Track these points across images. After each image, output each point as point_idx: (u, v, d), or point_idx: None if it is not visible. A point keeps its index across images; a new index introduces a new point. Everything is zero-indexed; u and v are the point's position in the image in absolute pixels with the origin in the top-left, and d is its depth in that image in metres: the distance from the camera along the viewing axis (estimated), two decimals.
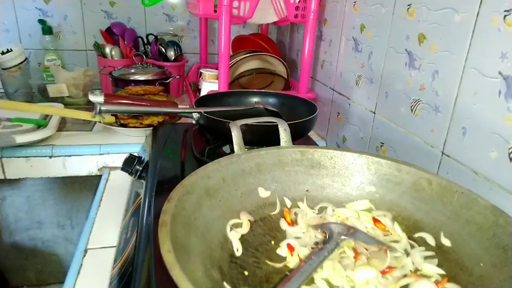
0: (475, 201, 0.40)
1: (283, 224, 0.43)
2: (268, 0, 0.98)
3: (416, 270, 0.37)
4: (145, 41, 1.35)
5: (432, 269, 0.37)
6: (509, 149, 0.47)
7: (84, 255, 0.62)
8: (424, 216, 0.43)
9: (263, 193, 0.46)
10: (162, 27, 1.42)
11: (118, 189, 0.84)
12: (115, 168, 0.92)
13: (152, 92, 1.00)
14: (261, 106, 0.73)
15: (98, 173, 0.93)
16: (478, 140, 0.52)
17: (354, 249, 0.38)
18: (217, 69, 1.09)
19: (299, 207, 0.46)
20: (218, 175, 0.42)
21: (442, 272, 0.37)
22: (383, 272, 0.36)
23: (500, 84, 0.48)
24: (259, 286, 0.34)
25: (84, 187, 0.98)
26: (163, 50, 1.31)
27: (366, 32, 0.81)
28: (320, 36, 1.06)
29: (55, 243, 1.06)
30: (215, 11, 0.95)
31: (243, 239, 0.40)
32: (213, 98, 0.81)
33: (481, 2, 0.51)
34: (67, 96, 1.18)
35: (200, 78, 1.20)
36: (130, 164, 0.74)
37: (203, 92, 1.11)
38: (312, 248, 0.39)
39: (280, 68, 1.17)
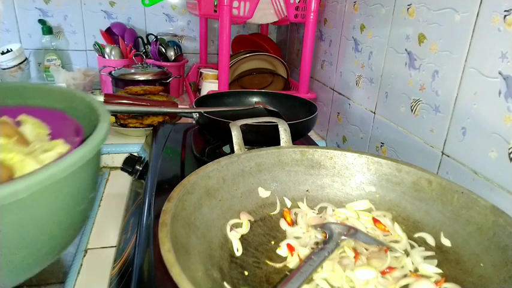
0: (475, 201, 0.40)
1: (283, 224, 0.43)
2: (268, 0, 0.98)
3: (416, 270, 0.37)
4: (145, 41, 1.35)
5: (430, 269, 0.37)
6: (509, 149, 0.47)
7: (84, 255, 0.62)
8: (424, 216, 0.43)
9: (263, 193, 0.46)
10: (162, 27, 1.42)
11: (118, 189, 0.84)
12: (115, 168, 0.92)
13: (152, 92, 1.00)
14: (261, 106, 0.73)
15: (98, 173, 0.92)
16: (478, 140, 0.52)
17: (354, 250, 0.38)
18: (217, 69, 1.09)
19: (299, 207, 0.46)
20: (218, 175, 0.42)
21: (440, 271, 0.37)
22: (383, 273, 0.36)
23: (500, 84, 0.48)
24: (259, 286, 0.34)
25: None
26: (163, 50, 1.31)
27: (366, 32, 0.81)
28: (320, 36, 1.06)
29: None
30: (215, 11, 0.95)
31: (243, 239, 0.40)
32: (213, 98, 0.81)
33: (481, 2, 0.51)
34: None
35: (200, 78, 1.21)
36: (130, 164, 0.74)
37: (203, 92, 1.11)
38: (312, 248, 0.39)
39: (280, 68, 1.17)
